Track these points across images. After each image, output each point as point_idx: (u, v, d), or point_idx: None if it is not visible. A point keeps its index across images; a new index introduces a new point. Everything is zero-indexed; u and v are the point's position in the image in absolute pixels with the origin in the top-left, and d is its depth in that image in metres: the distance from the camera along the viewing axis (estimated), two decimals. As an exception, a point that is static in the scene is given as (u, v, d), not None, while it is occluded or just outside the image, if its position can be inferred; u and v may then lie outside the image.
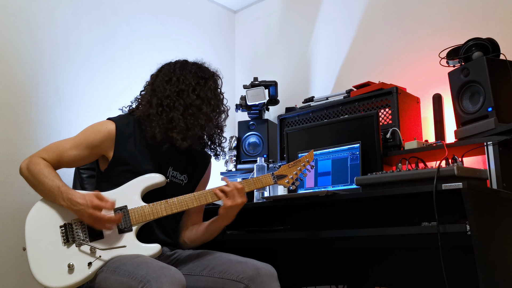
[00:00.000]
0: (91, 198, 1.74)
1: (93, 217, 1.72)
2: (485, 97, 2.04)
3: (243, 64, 3.77)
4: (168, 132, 1.87)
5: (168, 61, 2.04)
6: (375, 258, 2.39)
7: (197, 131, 1.89)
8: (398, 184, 1.87)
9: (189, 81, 1.93)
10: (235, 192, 1.86)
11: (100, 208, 1.73)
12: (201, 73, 1.97)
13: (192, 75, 1.95)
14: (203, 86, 1.94)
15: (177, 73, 1.95)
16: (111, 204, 1.76)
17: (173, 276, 1.58)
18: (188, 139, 1.88)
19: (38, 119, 2.59)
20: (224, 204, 1.86)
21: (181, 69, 1.96)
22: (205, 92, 1.93)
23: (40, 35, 2.66)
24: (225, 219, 1.91)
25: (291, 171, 1.99)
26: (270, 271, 1.78)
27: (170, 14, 3.38)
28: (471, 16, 2.59)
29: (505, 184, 1.91)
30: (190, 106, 1.89)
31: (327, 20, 3.27)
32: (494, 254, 1.67)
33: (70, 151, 1.87)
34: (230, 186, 1.87)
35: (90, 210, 1.71)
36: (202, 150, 2.07)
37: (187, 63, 2.01)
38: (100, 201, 1.75)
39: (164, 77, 1.95)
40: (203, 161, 2.09)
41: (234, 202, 1.85)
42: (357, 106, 2.52)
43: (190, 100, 1.90)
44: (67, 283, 1.69)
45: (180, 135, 1.87)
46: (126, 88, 2.97)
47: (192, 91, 1.91)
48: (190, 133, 1.88)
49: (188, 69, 1.97)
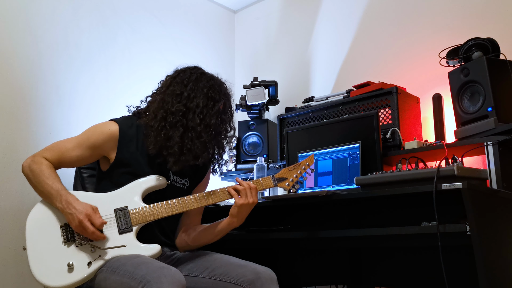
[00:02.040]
0: (87, 207, 1.74)
1: (81, 224, 1.71)
2: (485, 97, 2.03)
3: (243, 64, 3.77)
4: (163, 151, 1.86)
5: (185, 66, 2.00)
6: (375, 258, 2.38)
7: (190, 158, 1.86)
8: (398, 184, 1.86)
9: (198, 101, 1.89)
10: (248, 191, 1.87)
11: (91, 219, 1.73)
12: (212, 93, 1.92)
13: (203, 94, 1.91)
14: (211, 109, 1.90)
15: (189, 89, 1.91)
16: (100, 223, 1.75)
17: (173, 276, 1.58)
18: (179, 164, 1.86)
19: (37, 119, 2.59)
20: (235, 202, 1.87)
21: (194, 84, 1.92)
22: (210, 117, 1.89)
23: (40, 35, 2.65)
24: (236, 218, 1.89)
25: (291, 174, 1.99)
26: (270, 275, 1.79)
27: (170, 14, 3.38)
28: (471, 16, 2.59)
29: (505, 184, 1.91)
30: (191, 130, 1.87)
31: (327, 20, 3.27)
32: (494, 254, 1.67)
33: (72, 151, 1.87)
34: (243, 185, 1.87)
35: (81, 217, 1.71)
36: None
37: (202, 77, 1.96)
38: (94, 214, 1.74)
39: (177, 89, 1.91)
40: (204, 164, 2.08)
41: (246, 201, 1.85)
42: (357, 106, 2.52)
43: (192, 124, 1.87)
44: (67, 282, 1.70)
45: (172, 158, 1.86)
46: (125, 87, 2.97)
47: (198, 114, 1.88)
48: (183, 158, 1.86)
49: (200, 86, 1.92)
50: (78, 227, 1.73)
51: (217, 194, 1.91)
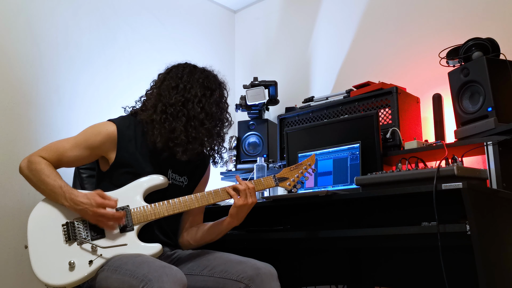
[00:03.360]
0: (94, 196, 1.75)
1: (97, 215, 1.73)
2: (485, 97, 2.04)
3: (243, 64, 3.77)
4: (169, 143, 1.87)
5: (176, 63, 2.02)
6: (375, 258, 2.39)
7: (197, 146, 1.89)
8: (398, 184, 1.87)
9: (196, 91, 1.92)
10: (247, 192, 1.88)
11: (103, 206, 1.74)
12: (208, 83, 1.95)
13: (199, 85, 1.93)
14: (209, 98, 1.93)
15: (184, 80, 1.93)
16: (115, 202, 1.78)
17: (175, 276, 1.58)
18: (188, 152, 1.88)
19: (38, 118, 2.59)
20: (235, 203, 1.88)
21: (189, 76, 1.95)
22: (210, 105, 1.92)
23: (40, 35, 2.66)
24: (235, 219, 1.90)
25: (292, 174, 2.00)
26: (270, 271, 1.79)
27: (170, 14, 3.38)
28: (471, 16, 2.59)
29: (505, 184, 1.91)
30: (194, 118, 1.89)
31: (327, 20, 3.27)
32: (494, 254, 1.67)
33: (70, 152, 1.87)
34: (243, 185, 1.88)
35: (94, 208, 1.72)
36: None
37: (196, 69, 1.99)
38: (103, 199, 1.76)
39: (171, 82, 1.93)
40: (203, 162, 2.09)
41: (245, 201, 1.87)
42: (357, 106, 2.52)
43: (194, 112, 1.89)
44: (68, 280, 1.70)
45: (180, 148, 1.87)
46: (126, 87, 2.97)
47: (197, 103, 1.90)
48: (191, 146, 1.87)
49: (195, 77, 1.95)
50: (95, 219, 1.74)
51: (218, 194, 1.91)
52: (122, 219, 1.77)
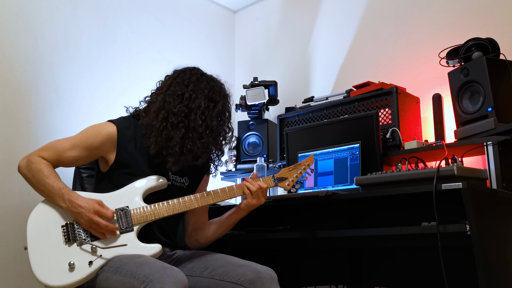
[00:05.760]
0: (93, 203, 1.75)
1: (91, 221, 1.73)
2: (485, 97, 2.04)
3: (243, 64, 3.77)
4: (163, 151, 1.86)
5: (184, 67, 2.00)
6: (375, 258, 2.39)
7: (190, 158, 1.86)
8: (398, 184, 1.87)
9: (200, 102, 1.89)
10: (260, 192, 1.92)
11: (100, 214, 1.74)
12: (213, 94, 1.93)
13: (204, 96, 1.91)
14: (211, 110, 1.91)
15: (190, 89, 1.91)
16: (112, 214, 1.77)
17: (176, 276, 1.58)
18: (179, 163, 1.86)
19: (37, 118, 2.59)
20: (248, 202, 1.92)
21: (195, 85, 1.92)
22: (211, 118, 1.90)
23: (40, 35, 2.65)
24: (244, 212, 1.96)
25: (291, 174, 2.00)
26: (270, 275, 1.79)
27: (170, 14, 3.38)
28: (471, 16, 2.59)
29: (505, 184, 1.91)
30: (193, 130, 1.87)
31: (327, 20, 3.27)
32: (494, 254, 1.68)
33: (69, 152, 1.87)
34: (255, 186, 1.91)
35: (90, 214, 1.72)
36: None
37: (202, 78, 1.96)
38: (101, 207, 1.75)
39: (177, 90, 1.91)
40: (203, 164, 2.08)
41: (259, 202, 1.92)
42: (357, 106, 2.52)
43: (194, 124, 1.87)
44: (68, 281, 1.70)
45: (172, 158, 1.86)
46: (125, 87, 2.97)
47: (200, 114, 1.88)
48: (183, 158, 1.86)
49: (201, 87, 1.92)
50: (88, 225, 1.74)
51: (218, 194, 1.91)
52: (114, 232, 1.77)
